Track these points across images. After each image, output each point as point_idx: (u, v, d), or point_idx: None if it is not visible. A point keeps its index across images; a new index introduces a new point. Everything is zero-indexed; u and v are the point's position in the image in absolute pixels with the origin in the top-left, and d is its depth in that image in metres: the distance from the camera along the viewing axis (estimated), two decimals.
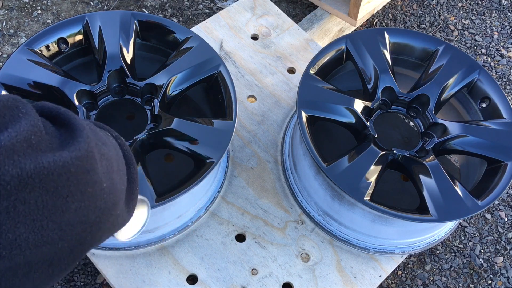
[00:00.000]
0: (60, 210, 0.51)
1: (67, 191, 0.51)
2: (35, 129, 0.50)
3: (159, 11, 2.17)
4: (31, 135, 0.49)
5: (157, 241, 1.20)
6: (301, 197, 1.30)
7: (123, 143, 0.72)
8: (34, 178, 0.48)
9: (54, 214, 0.51)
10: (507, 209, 1.77)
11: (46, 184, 0.49)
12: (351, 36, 1.32)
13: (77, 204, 0.53)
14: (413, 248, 1.27)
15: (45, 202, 0.50)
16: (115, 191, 0.60)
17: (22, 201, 0.48)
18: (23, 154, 0.48)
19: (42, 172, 0.49)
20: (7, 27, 2.05)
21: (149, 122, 1.15)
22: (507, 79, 2.11)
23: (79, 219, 0.54)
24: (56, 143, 0.53)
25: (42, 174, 0.49)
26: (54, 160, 0.50)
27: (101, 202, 0.57)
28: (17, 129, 0.48)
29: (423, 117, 1.26)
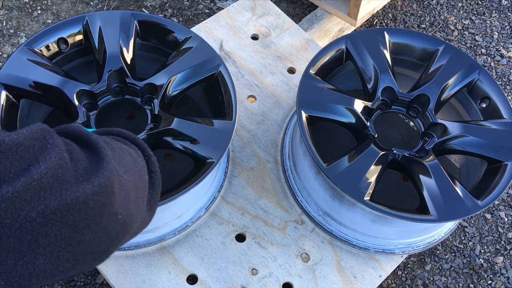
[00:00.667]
0: (76, 241, 0.53)
1: (84, 224, 0.53)
2: (62, 161, 0.52)
3: (159, 11, 2.17)
4: (58, 168, 0.51)
5: (157, 241, 1.20)
6: (301, 197, 1.30)
7: (146, 152, 0.73)
8: (57, 214, 0.50)
9: (70, 245, 0.53)
10: (507, 209, 1.77)
11: (66, 219, 0.51)
12: (351, 36, 1.32)
13: (91, 235, 0.55)
14: (413, 248, 1.27)
15: (64, 235, 0.52)
16: (130, 219, 0.62)
17: (44, 235, 0.50)
18: (50, 189, 0.50)
19: (64, 208, 0.51)
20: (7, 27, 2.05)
21: (149, 122, 1.15)
22: (507, 79, 2.11)
23: (91, 249, 0.56)
24: (81, 169, 0.54)
25: (64, 210, 0.51)
26: (76, 196, 0.52)
27: (114, 233, 0.59)
28: (46, 163, 0.50)
29: (423, 117, 1.26)
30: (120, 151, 0.64)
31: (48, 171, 0.50)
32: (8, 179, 0.47)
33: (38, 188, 0.49)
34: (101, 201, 0.55)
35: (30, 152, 0.50)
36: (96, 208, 0.54)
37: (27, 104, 1.20)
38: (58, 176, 0.51)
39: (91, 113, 1.15)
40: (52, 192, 0.50)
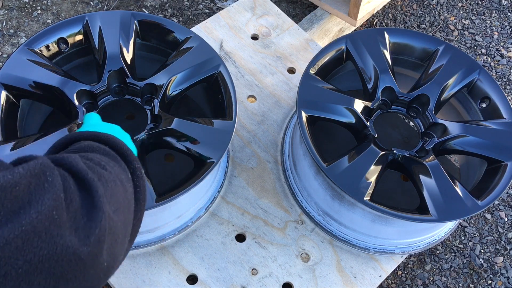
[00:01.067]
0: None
1: (71, 275, 0.52)
2: (57, 203, 0.50)
3: (159, 11, 2.17)
4: (53, 210, 0.49)
5: (157, 241, 1.20)
6: (301, 197, 1.30)
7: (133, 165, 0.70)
8: (44, 263, 0.48)
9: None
10: (507, 209, 1.77)
11: (54, 269, 0.49)
12: (351, 36, 1.32)
13: (77, 284, 0.53)
14: (413, 248, 1.26)
15: (48, 284, 0.50)
16: (114, 264, 0.60)
17: (27, 282, 0.48)
18: (41, 235, 0.48)
19: (53, 258, 0.49)
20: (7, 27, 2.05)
21: (149, 122, 1.15)
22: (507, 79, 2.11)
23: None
24: (72, 212, 0.52)
25: (53, 260, 0.49)
26: (67, 246, 0.50)
27: (96, 280, 0.57)
28: (39, 207, 0.48)
29: (423, 117, 1.26)
30: (112, 185, 0.62)
31: (42, 215, 0.48)
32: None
33: (32, 234, 0.47)
34: (93, 254, 0.53)
35: (25, 192, 0.48)
36: (87, 261, 0.53)
37: (27, 104, 1.20)
38: (54, 219, 0.49)
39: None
40: (44, 239, 0.48)
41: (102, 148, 0.68)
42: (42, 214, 0.48)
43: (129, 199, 0.65)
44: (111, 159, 0.67)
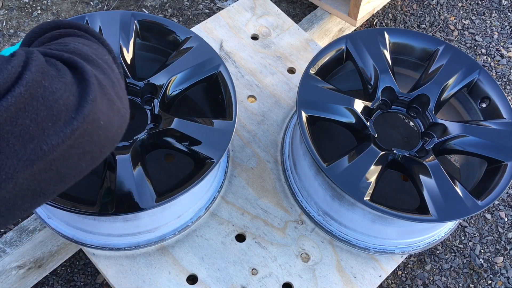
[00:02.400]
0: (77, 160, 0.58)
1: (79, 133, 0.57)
2: (45, 72, 0.54)
3: (159, 11, 2.17)
4: (41, 80, 0.53)
5: (157, 241, 1.20)
6: (301, 197, 1.30)
7: (109, 47, 0.76)
8: (48, 122, 0.53)
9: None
10: (507, 209, 1.77)
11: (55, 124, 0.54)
12: (351, 36, 1.32)
13: (87, 145, 0.59)
14: (413, 248, 1.27)
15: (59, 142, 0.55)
16: (111, 130, 0.64)
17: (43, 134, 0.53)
18: (42, 91, 0.53)
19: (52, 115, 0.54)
20: (7, 27, 2.05)
21: (149, 122, 1.15)
22: (507, 79, 2.11)
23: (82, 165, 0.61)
24: (67, 84, 0.56)
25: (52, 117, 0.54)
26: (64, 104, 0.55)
27: (100, 147, 0.62)
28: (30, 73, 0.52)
29: (423, 117, 1.26)
30: (100, 63, 0.66)
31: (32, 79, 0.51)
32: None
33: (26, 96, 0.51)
34: (93, 126, 0.58)
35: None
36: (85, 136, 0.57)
37: None
38: (44, 76, 0.53)
39: None
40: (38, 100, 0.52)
41: (81, 33, 0.73)
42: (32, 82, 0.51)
43: (112, 67, 0.70)
44: (94, 43, 0.72)
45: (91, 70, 0.60)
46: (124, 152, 1.06)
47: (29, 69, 0.52)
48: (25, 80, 0.50)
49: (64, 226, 1.19)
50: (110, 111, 0.62)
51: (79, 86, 0.58)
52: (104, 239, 1.18)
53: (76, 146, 0.55)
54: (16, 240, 1.34)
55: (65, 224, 1.19)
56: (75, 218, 1.13)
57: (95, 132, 0.58)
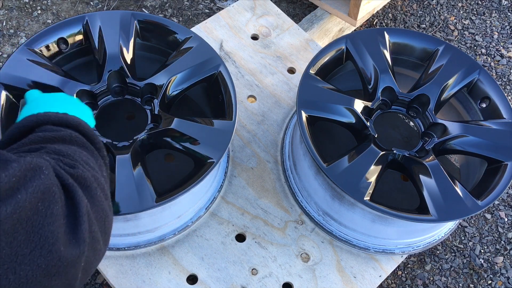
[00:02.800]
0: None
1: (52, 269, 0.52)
2: (45, 196, 0.50)
3: (159, 11, 2.17)
4: (38, 202, 0.49)
5: (157, 241, 1.20)
6: (301, 197, 1.30)
7: (102, 153, 0.73)
8: (26, 250, 0.49)
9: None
10: (507, 209, 1.77)
11: (36, 259, 0.50)
12: (351, 36, 1.32)
13: (58, 281, 0.53)
14: (413, 248, 1.26)
15: (31, 274, 0.50)
16: (91, 265, 0.61)
17: (12, 268, 0.48)
18: (26, 222, 0.48)
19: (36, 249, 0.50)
20: (7, 27, 2.05)
21: (149, 122, 1.15)
22: (507, 79, 2.11)
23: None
24: (59, 216, 0.53)
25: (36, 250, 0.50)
26: (50, 238, 0.50)
27: (75, 279, 0.57)
28: (25, 194, 0.47)
29: (423, 117, 1.26)
30: (95, 192, 0.63)
31: (26, 202, 0.47)
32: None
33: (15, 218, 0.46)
34: (75, 255, 0.54)
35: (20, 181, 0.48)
36: (69, 258, 0.54)
37: None
38: (35, 211, 0.48)
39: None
40: (23, 227, 0.48)
41: (74, 139, 0.68)
42: (27, 202, 0.47)
43: (106, 189, 0.67)
44: (89, 154, 0.68)
45: (86, 207, 0.57)
46: (124, 152, 1.06)
47: (26, 188, 0.48)
48: (15, 201, 0.46)
49: None
50: (92, 253, 0.58)
51: (72, 224, 0.55)
52: None
53: (47, 276, 0.51)
54: None
55: None
56: None
57: (70, 269, 0.54)
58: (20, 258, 0.47)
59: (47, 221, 0.49)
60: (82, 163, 0.63)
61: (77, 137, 0.68)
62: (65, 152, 0.63)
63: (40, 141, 0.64)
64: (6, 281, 0.45)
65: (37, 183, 0.49)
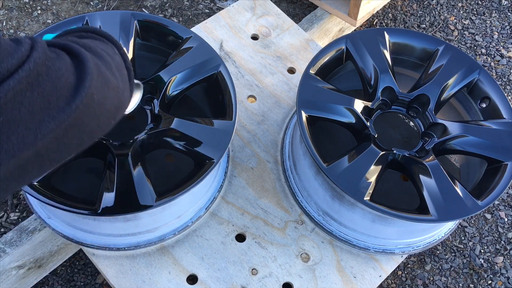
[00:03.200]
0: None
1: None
2: (47, 56, 0.60)
3: (159, 11, 2.17)
4: (45, 60, 0.59)
5: (157, 241, 1.20)
6: (301, 197, 1.30)
7: (122, 50, 0.82)
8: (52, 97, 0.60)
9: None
10: (507, 209, 1.77)
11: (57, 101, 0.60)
12: (351, 36, 1.32)
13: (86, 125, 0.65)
14: (413, 248, 1.26)
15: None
16: (107, 111, 0.70)
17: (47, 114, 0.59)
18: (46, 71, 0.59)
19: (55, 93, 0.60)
20: (7, 27, 2.05)
21: (149, 122, 1.15)
22: (507, 79, 2.11)
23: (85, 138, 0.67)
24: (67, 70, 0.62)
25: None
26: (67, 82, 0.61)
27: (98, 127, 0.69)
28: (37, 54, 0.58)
29: (423, 117, 1.26)
30: (103, 57, 0.73)
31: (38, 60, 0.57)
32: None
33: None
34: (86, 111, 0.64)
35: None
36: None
37: None
38: (48, 60, 0.59)
39: None
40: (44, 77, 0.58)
41: (90, 35, 0.80)
42: (40, 59, 0.58)
43: (120, 64, 0.78)
44: (100, 41, 0.79)
45: (86, 52, 0.67)
46: (124, 152, 1.06)
47: (35, 50, 0.58)
48: (33, 58, 0.57)
49: (64, 226, 1.19)
50: (106, 88, 0.68)
51: (77, 67, 0.64)
52: (104, 239, 1.18)
53: (77, 120, 0.62)
54: (16, 240, 1.34)
55: (65, 224, 1.19)
56: (75, 218, 1.13)
57: (91, 107, 0.64)
58: (51, 104, 0.58)
59: (59, 74, 0.60)
60: (84, 40, 0.75)
61: (92, 35, 0.80)
62: (79, 40, 0.75)
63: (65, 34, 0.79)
64: (45, 124, 0.58)
65: (40, 45, 0.59)
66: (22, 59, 0.56)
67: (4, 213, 1.61)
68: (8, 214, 1.61)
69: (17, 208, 1.62)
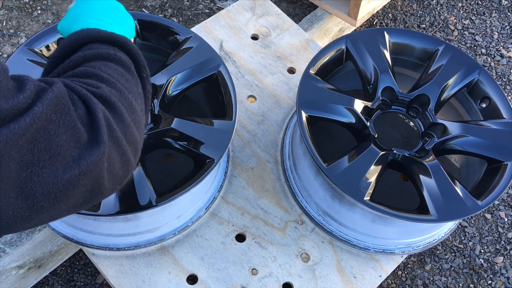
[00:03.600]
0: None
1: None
2: (56, 107, 0.55)
3: (159, 11, 2.17)
4: (51, 113, 0.54)
5: (157, 241, 1.20)
6: (301, 197, 1.30)
7: (144, 80, 0.74)
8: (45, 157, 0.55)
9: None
10: (507, 209, 1.77)
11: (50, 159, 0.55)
12: (351, 36, 1.32)
13: (76, 196, 0.59)
14: (413, 248, 1.26)
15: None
16: (116, 177, 0.64)
17: (36, 174, 0.54)
18: (43, 131, 0.53)
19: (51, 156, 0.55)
20: (7, 27, 2.05)
21: (149, 122, 1.15)
22: (507, 79, 2.11)
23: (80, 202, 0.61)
24: (76, 127, 0.57)
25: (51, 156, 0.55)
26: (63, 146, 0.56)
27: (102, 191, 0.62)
28: (40, 106, 0.52)
29: (423, 117, 1.26)
30: (123, 100, 0.66)
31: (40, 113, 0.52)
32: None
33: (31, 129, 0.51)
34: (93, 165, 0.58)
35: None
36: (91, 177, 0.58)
37: None
38: (49, 120, 0.53)
39: None
40: (41, 135, 0.53)
41: (115, 57, 0.70)
42: (43, 113, 0.52)
43: (133, 103, 0.69)
44: (124, 70, 0.70)
45: (103, 113, 0.60)
46: None
47: (39, 102, 0.52)
48: (31, 113, 0.51)
49: (64, 226, 1.19)
50: (116, 155, 0.62)
51: (90, 129, 0.58)
52: (104, 239, 1.18)
53: (75, 183, 0.57)
54: (16, 240, 1.34)
55: (65, 224, 1.19)
56: (75, 218, 1.13)
57: (94, 173, 0.59)
58: (41, 162, 0.53)
59: (61, 130, 0.54)
60: (110, 79, 0.66)
61: (115, 55, 0.71)
62: (91, 73, 0.66)
63: (81, 62, 0.68)
64: (31, 183, 0.52)
65: (50, 95, 0.53)
66: (18, 109, 0.50)
67: None
68: None
69: None
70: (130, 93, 0.68)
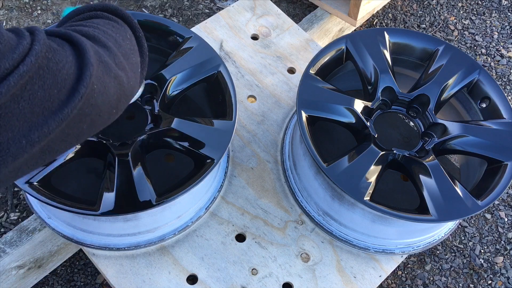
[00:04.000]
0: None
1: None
2: (47, 47, 0.60)
3: (159, 11, 2.17)
4: (46, 52, 0.59)
5: (157, 241, 1.20)
6: (301, 197, 1.30)
7: (136, 29, 0.82)
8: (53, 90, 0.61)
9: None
10: (507, 209, 1.77)
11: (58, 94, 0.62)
12: (351, 36, 1.32)
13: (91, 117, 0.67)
14: (413, 248, 1.27)
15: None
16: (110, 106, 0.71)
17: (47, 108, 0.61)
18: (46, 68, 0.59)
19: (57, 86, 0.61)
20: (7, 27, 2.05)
21: (149, 122, 1.15)
22: (507, 79, 2.11)
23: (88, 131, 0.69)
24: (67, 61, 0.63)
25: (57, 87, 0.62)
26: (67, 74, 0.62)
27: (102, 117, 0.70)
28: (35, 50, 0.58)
29: (423, 117, 1.26)
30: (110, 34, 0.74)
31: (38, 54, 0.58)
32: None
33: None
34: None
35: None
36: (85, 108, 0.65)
37: None
38: (48, 57, 0.59)
39: None
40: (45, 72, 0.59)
41: (102, 14, 0.80)
42: (42, 51, 0.58)
43: (131, 42, 0.79)
44: (112, 23, 0.79)
45: (86, 42, 0.67)
46: (124, 152, 1.06)
47: (37, 42, 0.59)
48: (34, 51, 0.57)
49: (64, 226, 1.19)
50: (107, 78, 0.69)
51: (78, 57, 0.64)
52: (104, 239, 1.18)
53: (78, 111, 0.63)
54: (16, 240, 1.34)
55: (65, 224, 1.19)
56: (75, 218, 1.13)
57: (92, 97, 0.65)
58: (52, 98, 0.59)
59: (59, 66, 0.60)
60: (92, 25, 0.75)
61: (104, 14, 0.80)
62: (76, 24, 0.76)
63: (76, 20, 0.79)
64: (42, 117, 0.59)
65: (42, 36, 0.60)
66: (24, 52, 0.57)
67: (4, 213, 1.61)
68: (8, 214, 1.61)
69: (17, 208, 1.62)
70: (116, 34, 0.76)
